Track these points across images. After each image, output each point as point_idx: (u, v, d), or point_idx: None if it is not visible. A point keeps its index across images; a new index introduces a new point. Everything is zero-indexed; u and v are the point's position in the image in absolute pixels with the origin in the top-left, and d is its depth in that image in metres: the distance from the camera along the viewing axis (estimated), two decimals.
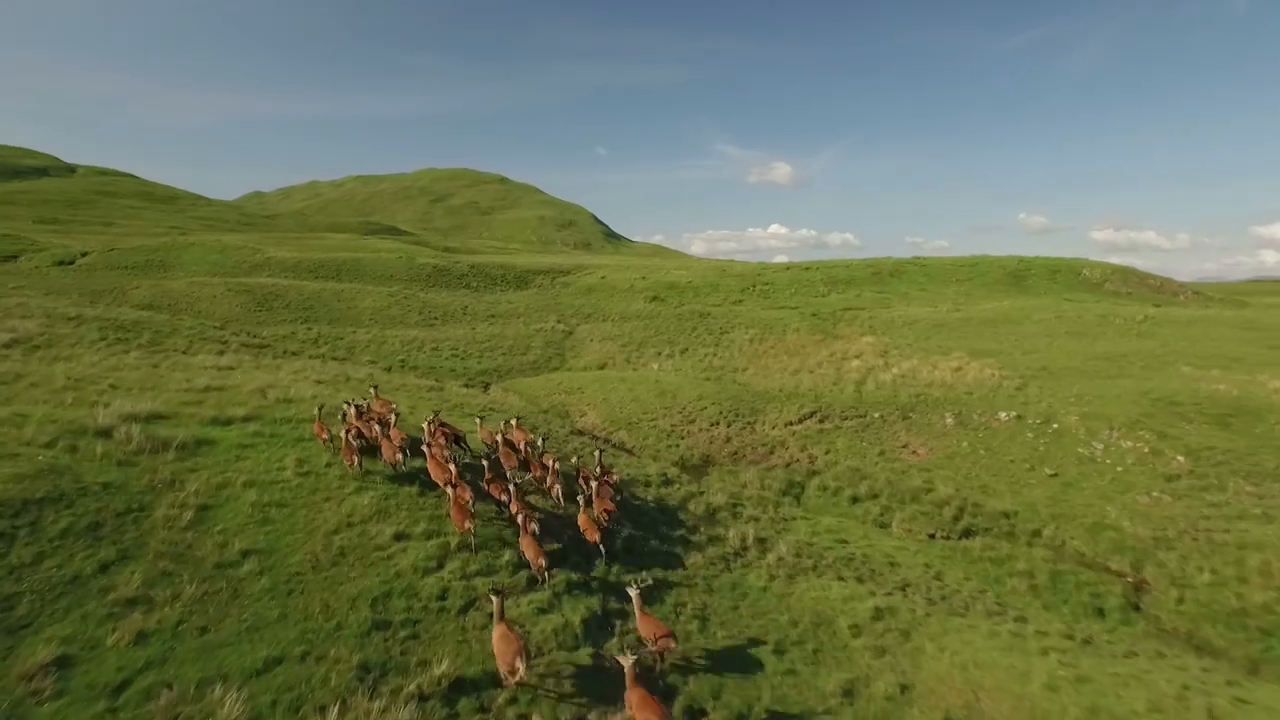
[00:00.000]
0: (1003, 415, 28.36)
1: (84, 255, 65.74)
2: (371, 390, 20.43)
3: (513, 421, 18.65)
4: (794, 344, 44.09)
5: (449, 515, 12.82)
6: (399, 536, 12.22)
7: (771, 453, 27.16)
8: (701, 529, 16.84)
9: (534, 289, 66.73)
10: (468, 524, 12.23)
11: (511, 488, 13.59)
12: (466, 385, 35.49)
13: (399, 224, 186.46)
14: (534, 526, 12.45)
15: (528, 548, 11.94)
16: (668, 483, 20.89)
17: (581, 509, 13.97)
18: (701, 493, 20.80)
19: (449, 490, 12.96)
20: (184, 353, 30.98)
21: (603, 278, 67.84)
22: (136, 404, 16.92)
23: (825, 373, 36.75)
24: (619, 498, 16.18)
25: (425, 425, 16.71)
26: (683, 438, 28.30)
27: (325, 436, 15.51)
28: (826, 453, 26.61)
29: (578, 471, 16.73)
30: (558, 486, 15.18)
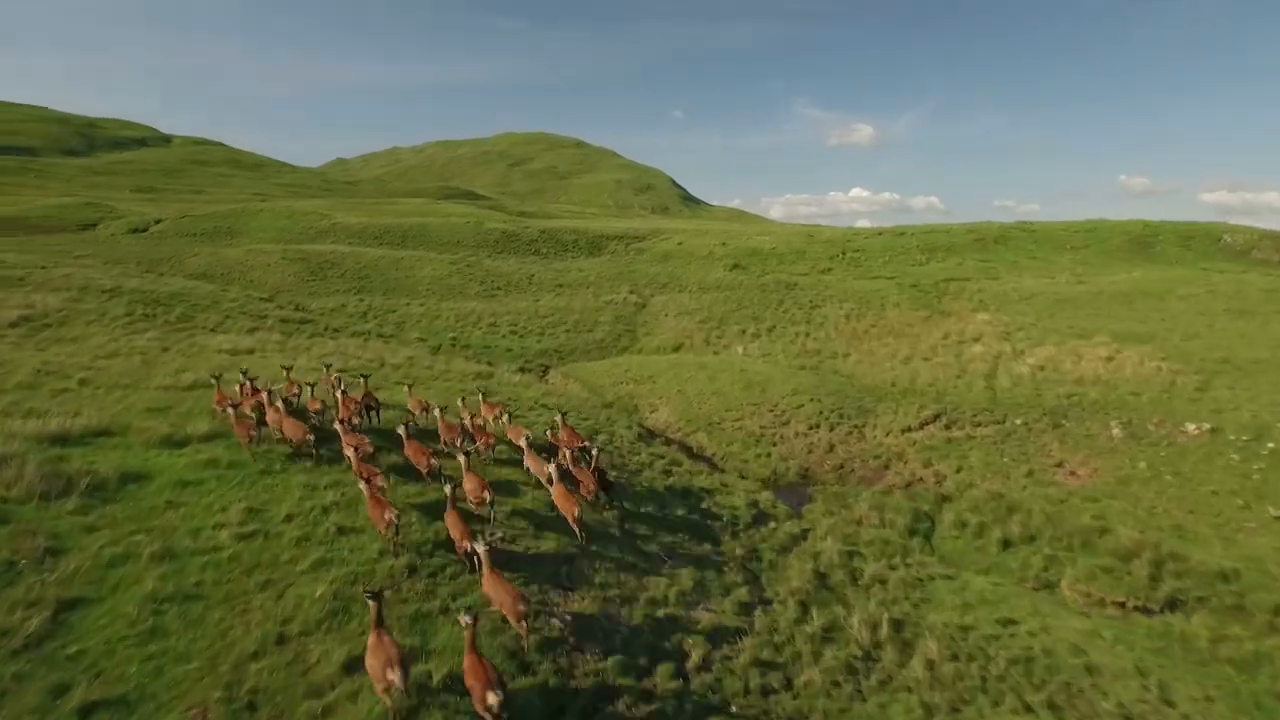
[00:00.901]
0: (1190, 427, 22.02)
1: (157, 223, 65.06)
2: (284, 370, 18.00)
3: (479, 395, 17.41)
4: (897, 322, 38.04)
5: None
6: (352, 665, 7.81)
7: (886, 467, 21.80)
8: (813, 611, 11.91)
9: (607, 255, 62.16)
10: (388, 515, 9.86)
11: (462, 458, 11.76)
12: (522, 369, 31.29)
13: (477, 189, 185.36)
14: (487, 496, 11.14)
15: (452, 526, 10.07)
16: (760, 519, 16.01)
17: (555, 481, 11.94)
18: (805, 532, 15.85)
19: (362, 485, 10.48)
20: (212, 330, 27.88)
21: (680, 244, 62.58)
22: (78, 416, 13.21)
23: (944, 361, 30.74)
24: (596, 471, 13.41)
25: (335, 394, 15.08)
26: (775, 444, 23.22)
27: (222, 408, 13.57)
28: (958, 470, 21.06)
29: (553, 445, 14.63)
30: (542, 463, 12.77)
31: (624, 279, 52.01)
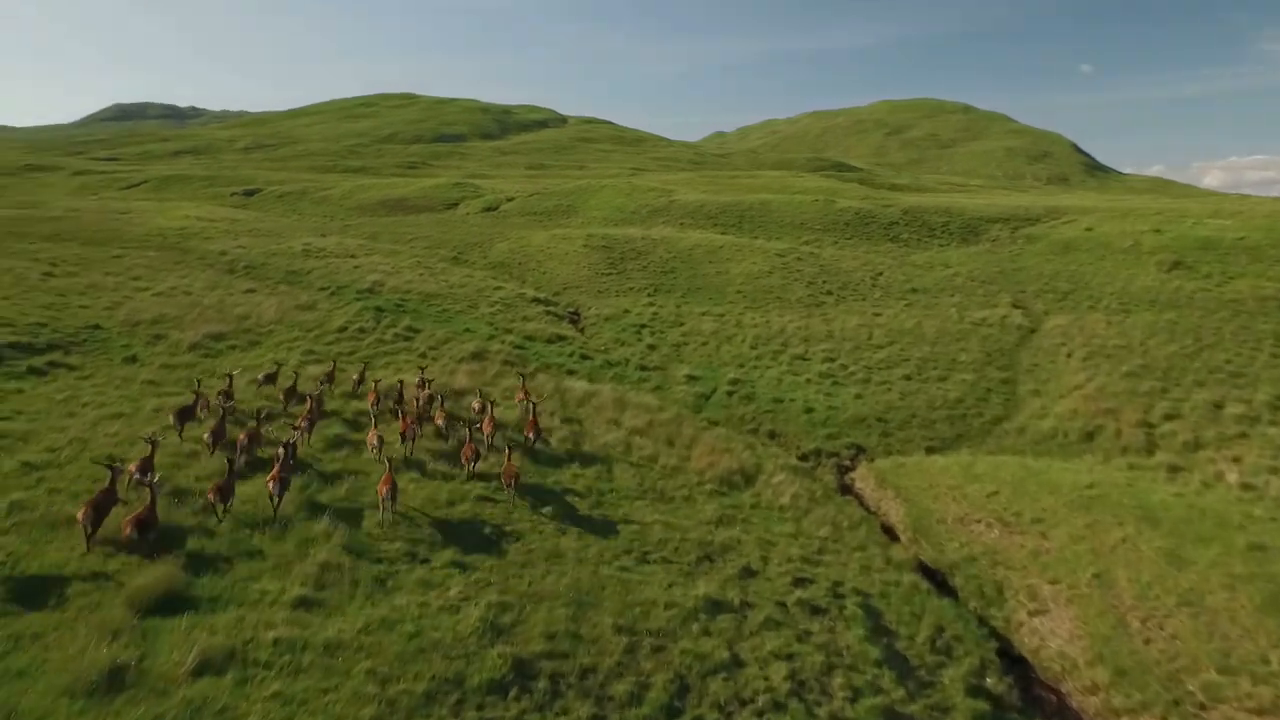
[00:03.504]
0: None
1: (509, 200, 66.35)
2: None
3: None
4: None
5: None
6: None
7: None
8: None
9: (984, 244, 46.51)
10: None
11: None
12: (815, 455, 20.29)
13: (850, 159, 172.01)
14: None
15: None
16: None
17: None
18: None
19: None
20: (421, 355, 22.35)
21: (1087, 229, 43.93)
22: None
23: None
24: None
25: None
26: None
27: None
28: None
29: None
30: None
31: (1004, 282, 36.94)
